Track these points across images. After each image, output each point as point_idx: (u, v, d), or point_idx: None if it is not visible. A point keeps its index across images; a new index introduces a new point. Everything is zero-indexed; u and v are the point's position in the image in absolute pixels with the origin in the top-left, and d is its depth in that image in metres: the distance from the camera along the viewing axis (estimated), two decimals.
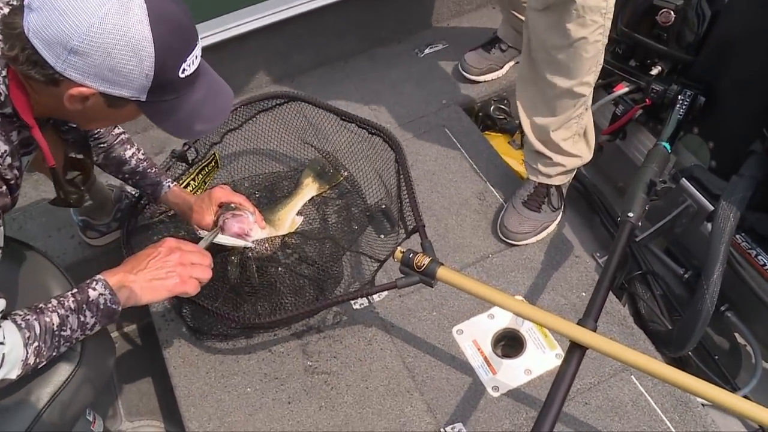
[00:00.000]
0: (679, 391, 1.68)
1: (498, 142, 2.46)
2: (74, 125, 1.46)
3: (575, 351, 1.37)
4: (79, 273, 1.53)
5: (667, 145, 1.85)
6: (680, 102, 1.94)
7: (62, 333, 1.24)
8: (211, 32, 2.38)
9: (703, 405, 1.69)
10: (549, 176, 1.99)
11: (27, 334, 1.19)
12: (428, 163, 2.24)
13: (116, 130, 1.70)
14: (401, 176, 1.83)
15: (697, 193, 1.90)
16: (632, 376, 1.71)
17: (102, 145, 1.68)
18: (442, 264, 1.52)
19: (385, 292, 1.91)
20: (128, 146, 1.72)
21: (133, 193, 2.12)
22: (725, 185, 1.78)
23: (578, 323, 1.39)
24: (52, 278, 1.48)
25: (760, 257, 1.76)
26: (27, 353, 1.20)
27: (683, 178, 1.91)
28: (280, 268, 1.83)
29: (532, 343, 1.80)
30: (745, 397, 1.87)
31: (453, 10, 2.77)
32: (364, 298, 1.90)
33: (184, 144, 1.98)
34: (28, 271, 1.47)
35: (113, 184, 2.09)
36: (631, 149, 2.25)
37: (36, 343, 1.21)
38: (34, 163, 1.77)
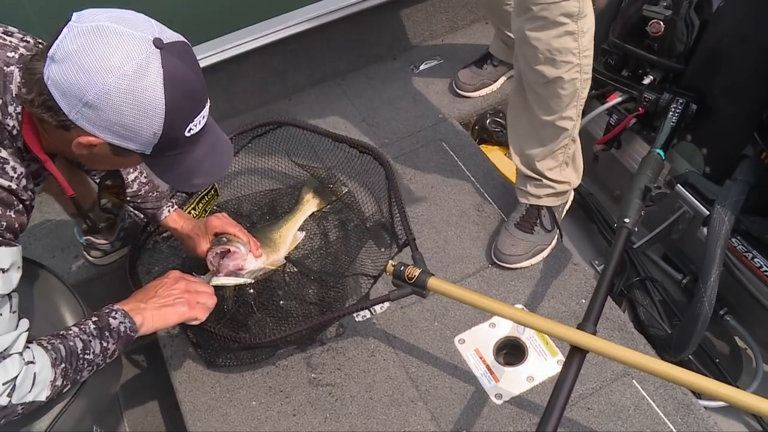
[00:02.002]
0: (681, 393, 1.69)
1: (494, 154, 2.49)
2: None
3: (575, 356, 1.39)
4: (84, 292, 1.56)
5: (661, 152, 1.88)
6: (673, 110, 1.98)
7: (86, 356, 1.30)
8: (210, 53, 2.42)
9: (705, 408, 1.71)
10: (538, 197, 2.00)
11: (54, 356, 1.25)
12: (426, 177, 2.27)
13: None
14: (391, 192, 1.88)
15: (693, 198, 1.93)
16: (634, 381, 1.72)
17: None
18: (433, 275, 1.57)
19: (387, 304, 1.93)
20: (131, 170, 1.74)
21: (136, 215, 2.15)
22: (719, 190, 1.81)
23: (578, 327, 1.41)
24: (61, 297, 1.50)
25: (756, 260, 1.78)
26: (55, 374, 1.24)
27: (678, 185, 1.94)
28: (280, 292, 1.87)
29: (533, 350, 1.81)
30: None
31: (447, 26, 2.81)
32: (366, 311, 1.92)
33: None
34: (39, 289, 1.49)
35: None
36: (626, 158, 2.28)
37: (63, 365, 1.26)
38: (54, 194, 1.83)
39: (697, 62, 1.96)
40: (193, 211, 1.99)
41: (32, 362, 1.22)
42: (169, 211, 1.80)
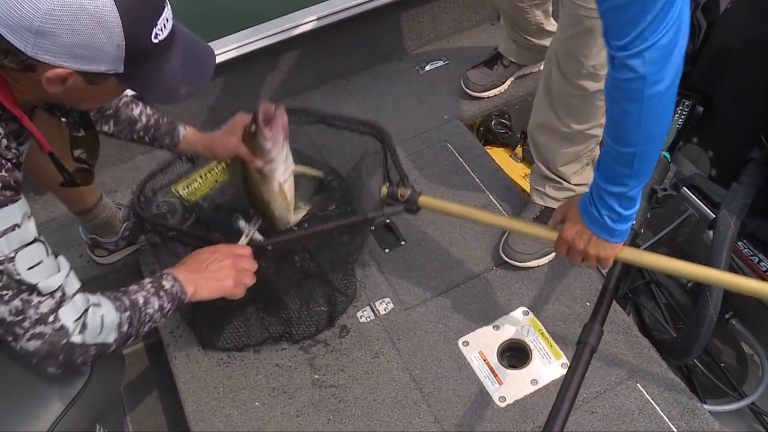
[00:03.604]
0: (686, 398, 1.69)
1: (499, 155, 2.48)
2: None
3: (581, 358, 1.38)
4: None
5: (667, 154, 1.88)
6: (679, 112, 1.96)
7: (147, 311, 1.36)
8: (216, 52, 2.41)
9: (710, 412, 1.70)
10: (557, 200, 2.00)
11: (117, 303, 1.32)
12: (431, 178, 2.26)
13: None
14: (386, 150, 1.88)
15: (698, 201, 1.91)
16: (638, 384, 1.72)
17: (108, 113, 1.68)
18: (422, 193, 1.68)
19: (390, 305, 1.93)
20: (134, 105, 1.71)
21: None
22: (726, 193, 1.80)
23: (584, 327, 1.41)
24: None
25: (762, 263, 1.77)
26: (121, 319, 1.31)
27: (684, 187, 1.93)
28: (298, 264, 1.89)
29: (537, 353, 1.81)
30: (753, 405, 1.88)
31: (452, 27, 2.81)
32: (371, 312, 1.92)
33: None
34: None
35: (121, 203, 2.12)
36: None
37: (128, 313, 1.33)
38: (35, 158, 1.80)
39: (704, 64, 1.95)
40: (200, 179, 1.98)
41: (98, 305, 1.28)
42: (185, 128, 1.78)
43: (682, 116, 1.95)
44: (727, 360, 2.00)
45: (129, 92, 1.59)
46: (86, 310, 1.26)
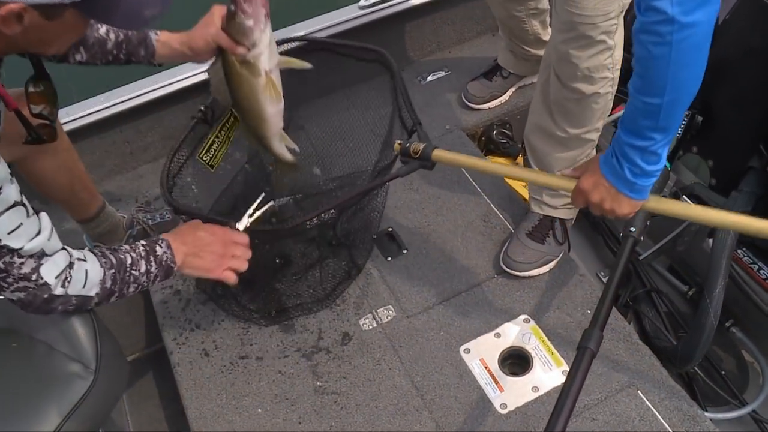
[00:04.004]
0: (687, 405, 1.69)
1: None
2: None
3: (581, 362, 1.39)
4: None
5: (667, 164, 1.89)
6: None
7: (132, 272, 1.39)
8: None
9: (711, 420, 1.70)
10: (554, 208, 2.01)
11: (104, 260, 1.36)
12: (433, 187, 2.28)
13: None
14: (397, 88, 1.90)
15: None
16: (639, 392, 1.72)
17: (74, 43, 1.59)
18: (437, 147, 1.63)
19: (392, 313, 1.94)
20: (98, 25, 1.61)
21: (145, 220, 2.16)
22: (725, 202, 1.81)
23: (584, 333, 1.42)
24: None
25: (762, 271, 1.79)
26: (104, 274, 1.35)
27: (683, 196, 1.95)
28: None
29: (538, 360, 1.81)
30: (754, 412, 1.88)
31: (454, 38, 2.83)
32: (373, 320, 1.93)
33: (201, 105, 1.95)
34: None
35: (123, 214, 2.14)
36: None
37: (113, 270, 1.36)
38: (35, 168, 1.82)
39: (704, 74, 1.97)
40: (216, 140, 1.95)
41: (83, 260, 1.32)
42: (156, 33, 1.65)
43: (682, 125, 1.97)
44: (727, 368, 2.01)
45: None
46: (70, 265, 1.30)
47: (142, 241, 1.46)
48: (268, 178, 2.10)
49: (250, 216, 1.69)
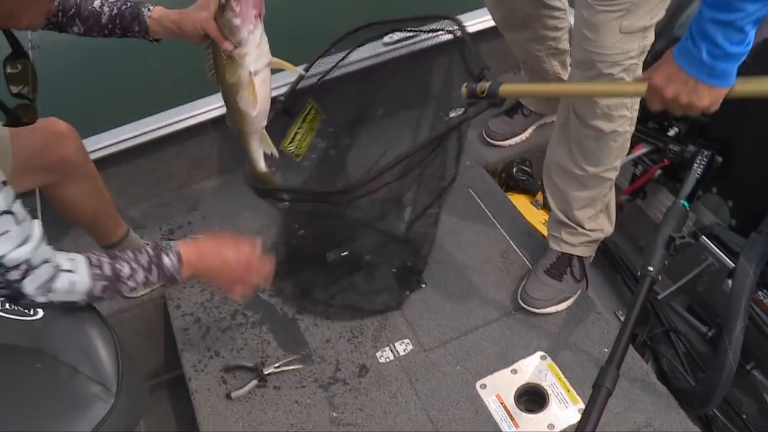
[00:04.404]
0: None
1: (520, 202, 2.51)
2: None
3: (597, 399, 1.39)
4: (114, 324, 1.59)
5: (686, 203, 1.89)
6: (698, 162, 1.99)
7: (128, 282, 1.39)
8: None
9: None
10: (572, 245, 2.02)
11: (97, 272, 1.35)
12: (453, 222, 2.30)
13: None
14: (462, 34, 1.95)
15: (717, 250, 1.93)
16: None
17: (71, 13, 1.59)
18: (503, 82, 1.60)
19: (410, 346, 1.95)
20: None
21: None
22: (745, 242, 1.81)
23: (600, 371, 1.42)
24: (93, 325, 1.52)
25: None
26: (94, 286, 1.35)
27: (703, 236, 1.95)
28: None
29: (554, 397, 1.81)
30: None
31: (477, 74, 2.86)
32: (390, 353, 1.94)
33: (279, 96, 1.98)
34: (72, 317, 1.52)
35: (147, 241, 2.17)
36: (651, 208, 2.30)
37: (104, 282, 1.36)
38: (60, 194, 1.85)
39: (723, 115, 1.97)
40: (299, 131, 2.00)
41: (71, 271, 1.32)
42: (149, 8, 1.61)
43: (701, 166, 1.98)
44: (748, 411, 1.98)
45: None
46: (54, 277, 1.30)
47: (150, 249, 1.44)
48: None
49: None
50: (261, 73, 1.54)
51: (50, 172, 1.76)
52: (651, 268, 1.68)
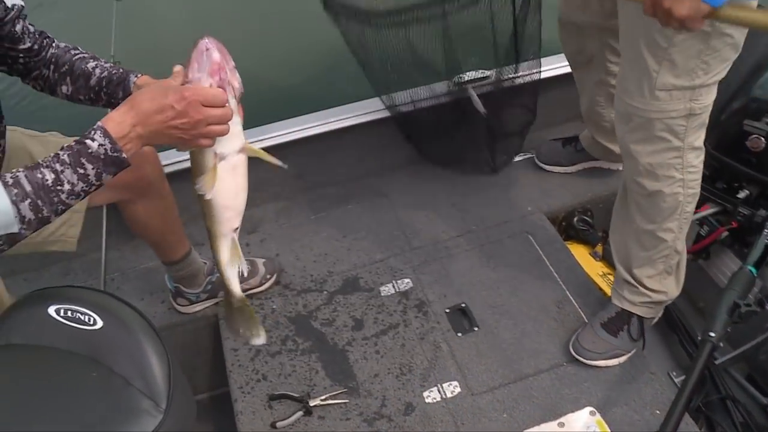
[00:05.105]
0: None
1: (579, 252, 2.48)
2: None
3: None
4: (166, 336, 1.61)
5: (754, 269, 1.85)
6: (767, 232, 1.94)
7: (60, 188, 1.21)
8: (312, 125, 2.53)
9: None
10: (633, 304, 1.98)
11: (15, 191, 1.19)
12: (510, 268, 2.28)
13: (73, 50, 1.58)
14: None
15: None
16: None
17: (63, 69, 1.56)
18: None
19: (458, 389, 1.93)
20: (90, 59, 1.57)
21: None
22: None
23: None
24: (146, 337, 1.55)
25: None
26: (19, 208, 1.19)
27: None
28: None
29: None
30: None
31: (544, 121, 2.85)
32: (437, 393, 1.93)
33: None
34: (126, 328, 1.55)
35: (205, 260, 2.21)
36: (713, 270, 2.25)
37: (29, 200, 1.20)
38: (133, 210, 1.89)
39: None
40: None
41: None
42: (137, 75, 1.53)
43: None
44: None
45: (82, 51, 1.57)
46: None
47: (69, 144, 1.22)
48: None
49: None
50: (230, 159, 1.32)
51: (126, 189, 1.80)
52: (713, 334, 1.63)
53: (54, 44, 1.56)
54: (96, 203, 1.76)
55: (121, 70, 1.55)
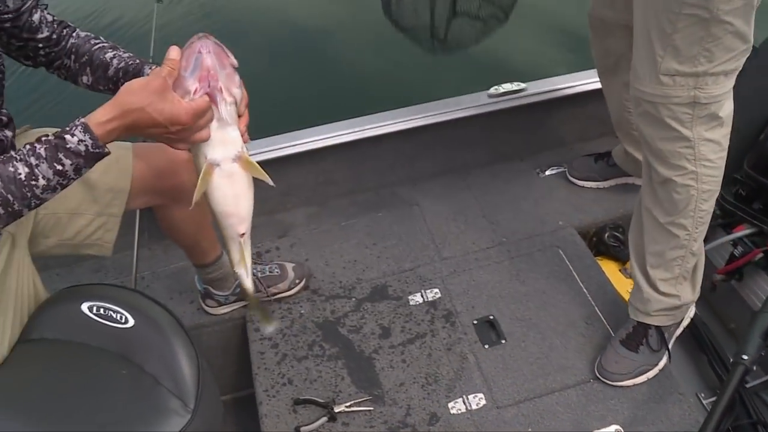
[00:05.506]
0: None
1: (609, 268, 2.46)
2: None
3: None
4: (193, 337, 1.63)
5: None
6: None
7: (33, 182, 1.20)
8: (348, 131, 2.54)
9: None
10: (648, 314, 1.96)
11: None
12: (539, 281, 2.27)
13: (94, 40, 1.59)
14: None
15: None
16: None
17: (84, 59, 1.56)
18: None
19: (483, 401, 1.92)
20: (109, 49, 1.58)
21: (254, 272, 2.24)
22: None
23: None
24: (176, 336, 1.57)
25: None
26: None
27: None
28: None
29: None
30: None
31: (577, 135, 2.85)
32: (462, 405, 1.92)
33: None
34: (156, 326, 1.58)
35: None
36: (746, 291, 2.22)
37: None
38: (167, 214, 1.91)
39: None
40: None
41: None
42: (150, 68, 1.53)
43: None
44: None
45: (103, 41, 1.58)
46: None
47: (49, 135, 1.22)
48: None
49: None
50: (224, 166, 1.29)
51: (162, 195, 1.82)
52: (746, 357, 1.62)
53: (75, 34, 1.57)
54: (132, 207, 1.77)
55: (138, 61, 1.56)
